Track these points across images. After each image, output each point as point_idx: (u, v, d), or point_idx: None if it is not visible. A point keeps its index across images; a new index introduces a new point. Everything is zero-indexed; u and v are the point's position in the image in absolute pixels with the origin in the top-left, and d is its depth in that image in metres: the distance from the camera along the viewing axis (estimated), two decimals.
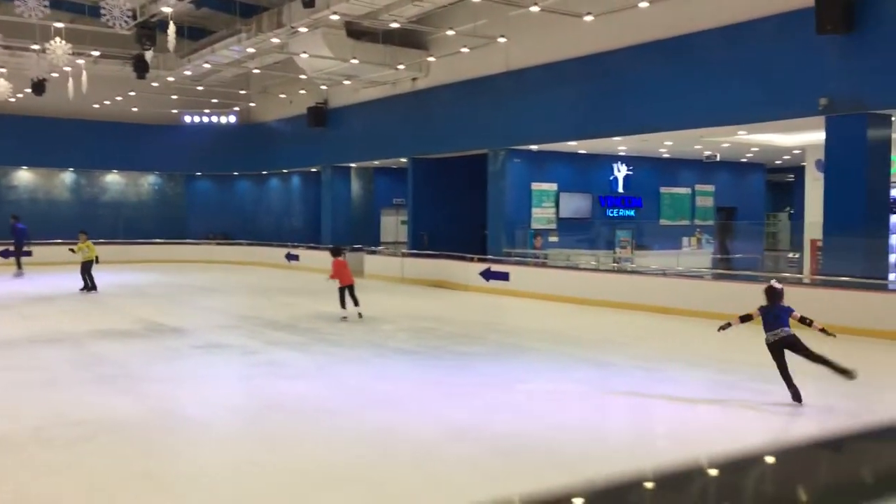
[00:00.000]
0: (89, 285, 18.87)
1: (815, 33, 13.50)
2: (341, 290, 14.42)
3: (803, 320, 8.22)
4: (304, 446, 6.79)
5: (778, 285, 8.39)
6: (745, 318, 8.45)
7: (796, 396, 8.00)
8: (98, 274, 19.19)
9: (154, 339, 12.57)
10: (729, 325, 8.55)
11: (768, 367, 10.39)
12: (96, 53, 23.04)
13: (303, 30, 20.19)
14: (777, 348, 8.06)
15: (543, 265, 20.01)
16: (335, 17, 18.77)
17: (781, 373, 8.08)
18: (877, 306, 12.57)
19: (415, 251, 23.86)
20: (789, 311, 8.20)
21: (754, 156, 24.17)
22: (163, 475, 6.06)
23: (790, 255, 21.04)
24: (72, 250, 19.25)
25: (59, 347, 11.59)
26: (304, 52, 21.88)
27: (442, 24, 20.24)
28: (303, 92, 27.33)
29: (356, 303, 14.31)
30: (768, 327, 8.11)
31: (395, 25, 19.60)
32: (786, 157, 24.38)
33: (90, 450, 6.60)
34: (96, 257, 19.07)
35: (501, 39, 19.38)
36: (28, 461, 6.33)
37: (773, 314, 8.17)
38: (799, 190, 24.05)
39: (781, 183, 32.92)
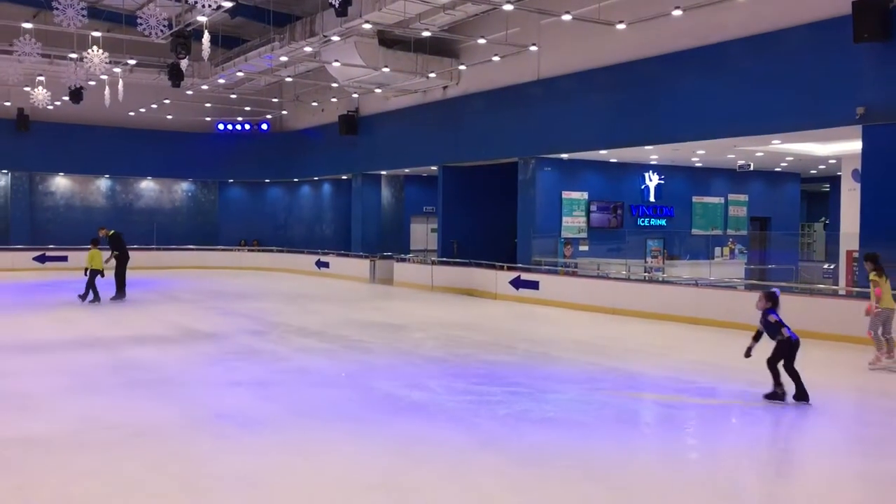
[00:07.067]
0: (88, 294, 17.79)
1: (852, 41, 13.36)
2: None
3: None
4: (334, 454, 6.83)
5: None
6: (759, 336, 8.75)
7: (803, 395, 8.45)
8: (132, 280, 19.41)
9: (188, 344, 12.72)
10: (750, 350, 8.74)
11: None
12: (132, 62, 23.44)
13: (335, 38, 20.36)
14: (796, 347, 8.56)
15: (573, 274, 19.94)
16: (367, 26, 18.90)
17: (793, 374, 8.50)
18: None
19: (444, 259, 23.90)
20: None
21: (789, 165, 23.90)
22: (198, 479, 6.13)
23: (825, 266, 20.74)
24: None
25: (95, 352, 11.76)
26: (336, 61, 22.06)
27: (473, 32, 20.30)
28: (334, 100, 27.53)
29: None
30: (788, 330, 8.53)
31: (426, 34, 19.70)
32: (821, 167, 24.09)
33: (125, 454, 6.68)
34: (102, 270, 17.98)
35: (533, 48, 19.39)
36: (64, 465, 6.43)
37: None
38: (835, 200, 23.72)
39: (816, 193, 32.52)
